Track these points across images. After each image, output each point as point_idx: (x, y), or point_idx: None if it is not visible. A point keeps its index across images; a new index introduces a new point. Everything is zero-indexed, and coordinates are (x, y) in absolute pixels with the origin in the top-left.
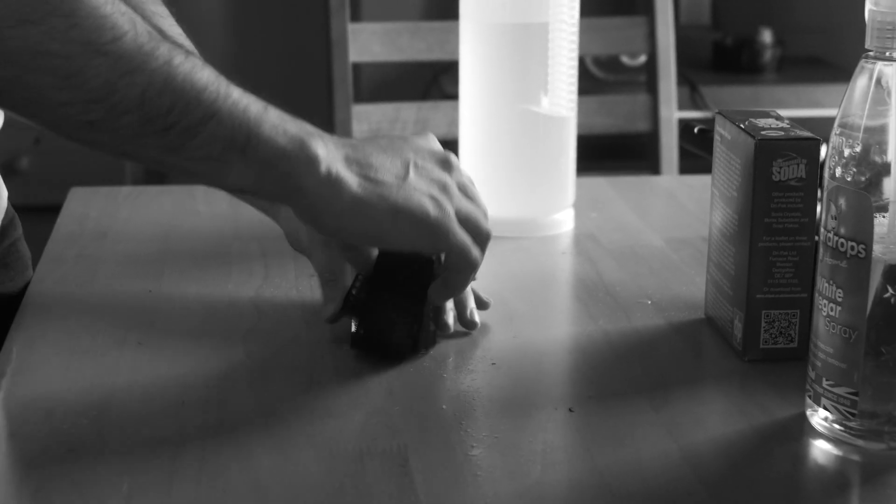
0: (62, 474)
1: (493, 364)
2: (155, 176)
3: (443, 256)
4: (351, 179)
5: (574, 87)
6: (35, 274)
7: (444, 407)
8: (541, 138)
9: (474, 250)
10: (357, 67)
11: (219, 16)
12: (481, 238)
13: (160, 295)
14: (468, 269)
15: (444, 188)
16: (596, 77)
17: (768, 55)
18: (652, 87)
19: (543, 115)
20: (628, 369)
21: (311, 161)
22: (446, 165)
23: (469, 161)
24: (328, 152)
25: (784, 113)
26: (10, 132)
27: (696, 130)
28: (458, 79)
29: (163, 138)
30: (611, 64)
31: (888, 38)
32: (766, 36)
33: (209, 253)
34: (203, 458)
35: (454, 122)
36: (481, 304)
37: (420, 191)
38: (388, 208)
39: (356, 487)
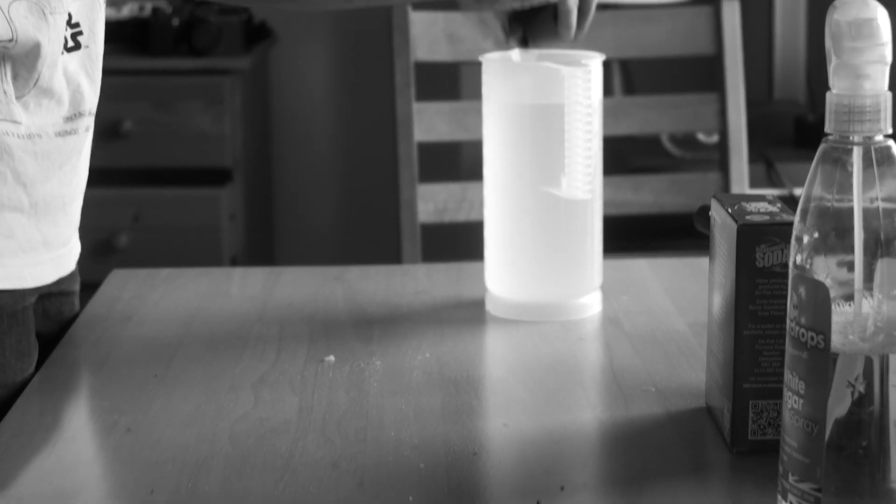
0: None
1: (475, 454)
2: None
3: None
4: None
5: (593, 170)
6: (50, 357)
7: (410, 499)
8: (562, 221)
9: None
10: (423, 146)
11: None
12: None
13: (165, 379)
14: (573, 12)
15: None
16: (672, 155)
17: None
18: (724, 164)
19: (563, 199)
20: (609, 460)
21: None
22: None
23: (492, 242)
24: None
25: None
26: (109, 209)
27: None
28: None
29: None
30: (687, 141)
31: (846, 121)
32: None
33: (227, 336)
34: None
35: None
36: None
37: None
38: None
39: None
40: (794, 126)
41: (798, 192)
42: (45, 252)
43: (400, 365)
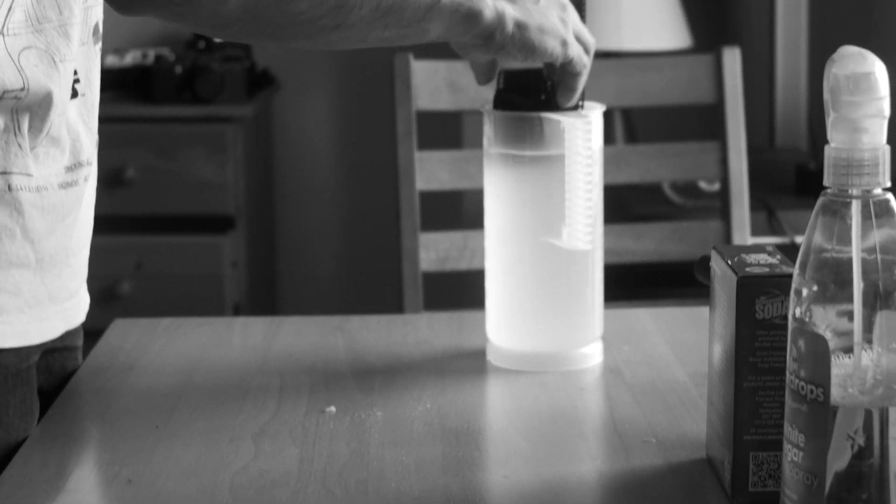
0: None
1: None
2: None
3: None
4: (509, 9)
5: (594, 220)
6: (51, 407)
7: None
8: (562, 272)
9: (586, 58)
10: (426, 194)
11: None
12: (589, 46)
13: (166, 430)
14: (583, 71)
15: (563, 7)
16: (673, 202)
17: None
18: (725, 212)
19: (564, 249)
20: None
21: (485, 3)
22: None
23: (493, 293)
24: None
25: None
26: (112, 256)
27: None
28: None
29: (382, 19)
30: (688, 189)
31: (844, 175)
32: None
33: (228, 387)
34: None
35: None
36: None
37: (550, 11)
38: (536, 26)
39: None
40: (796, 174)
41: (800, 240)
42: (51, 306)
43: (401, 416)
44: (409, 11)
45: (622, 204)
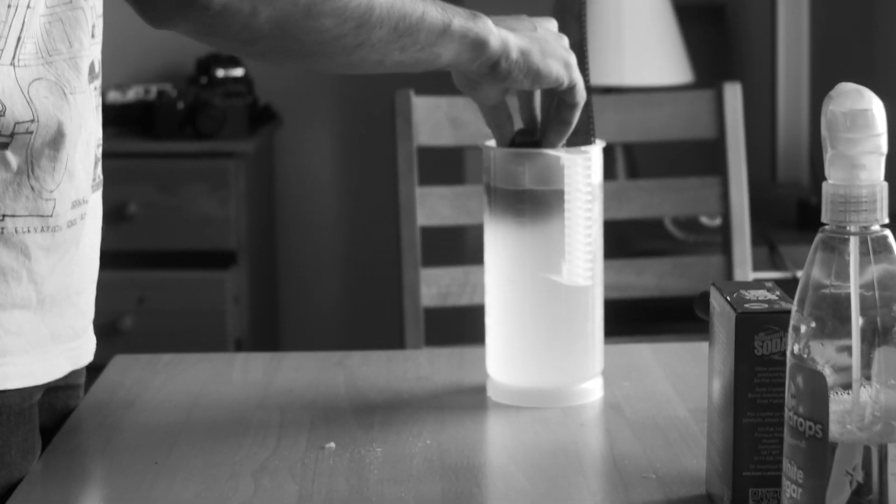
0: None
1: None
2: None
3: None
4: (512, 37)
5: (594, 256)
6: (51, 443)
7: None
8: (562, 308)
9: (583, 87)
10: (427, 229)
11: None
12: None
13: (166, 466)
14: (581, 102)
15: (560, 37)
16: (675, 237)
17: None
18: (727, 247)
19: (564, 285)
20: None
21: (490, 30)
22: (552, 26)
23: (493, 328)
24: (493, 23)
25: None
26: (114, 292)
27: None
28: None
29: (399, 41)
30: (690, 224)
31: (842, 211)
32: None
33: (228, 423)
34: None
35: None
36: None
37: (549, 40)
38: (539, 51)
39: None
40: (798, 209)
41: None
42: (55, 346)
43: (401, 452)
44: (424, 34)
45: (623, 239)
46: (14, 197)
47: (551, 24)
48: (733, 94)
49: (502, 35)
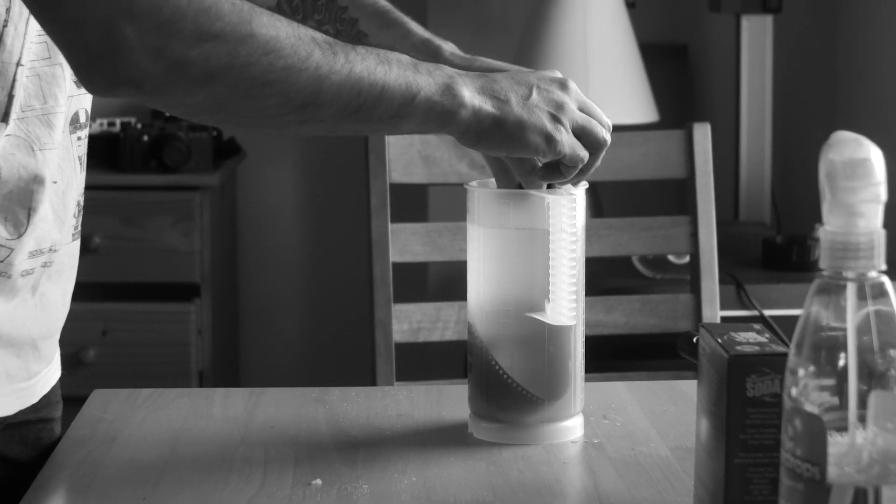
0: None
1: None
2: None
3: None
4: (487, 107)
5: (577, 296)
6: (36, 479)
7: None
8: (546, 346)
9: (582, 153)
10: (400, 266)
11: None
12: (597, 145)
13: (154, 502)
14: (576, 167)
15: (560, 106)
16: (643, 276)
17: (819, 253)
18: (695, 286)
19: (547, 324)
20: None
21: (461, 103)
22: (564, 87)
23: (476, 365)
24: (470, 92)
25: None
26: (78, 324)
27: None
28: None
29: (352, 117)
30: (658, 263)
31: (840, 258)
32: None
33: (213, 458)
34: None
35: None
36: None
37: (540, 108)
38: (515, 122)
39: None
40: (763, 247)
41: (769, 313)
42: (8, 384)
43: (387, 489)
44: (382, 109)
45: (592, 277)
46: None
47: (555, 76)
48: (703, 135)
49: (475, 104)
